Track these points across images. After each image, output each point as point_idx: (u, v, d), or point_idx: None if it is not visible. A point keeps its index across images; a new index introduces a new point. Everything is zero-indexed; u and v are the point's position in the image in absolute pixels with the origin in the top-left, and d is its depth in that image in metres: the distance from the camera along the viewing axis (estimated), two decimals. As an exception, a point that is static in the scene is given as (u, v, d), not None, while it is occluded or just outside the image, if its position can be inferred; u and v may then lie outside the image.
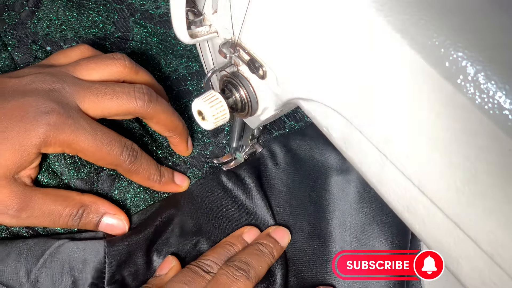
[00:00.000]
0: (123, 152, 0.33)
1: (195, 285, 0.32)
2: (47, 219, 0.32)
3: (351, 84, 0.23)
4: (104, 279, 0.33)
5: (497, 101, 0.17)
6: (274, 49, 0.27)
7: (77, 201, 0.34)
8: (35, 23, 0.42)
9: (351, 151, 0.26)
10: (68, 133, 0.31)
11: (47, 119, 0.30)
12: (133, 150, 0.34)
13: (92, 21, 0.43)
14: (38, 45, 0.41)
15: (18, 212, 0.31)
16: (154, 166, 0.36)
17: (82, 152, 0.32)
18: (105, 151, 0.32)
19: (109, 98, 0.33)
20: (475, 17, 0.20)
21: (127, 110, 0.34)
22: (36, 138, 0.30)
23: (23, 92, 0.32)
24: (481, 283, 0.21)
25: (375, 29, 0.20)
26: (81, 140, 0.31)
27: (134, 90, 0.34)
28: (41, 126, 0.30)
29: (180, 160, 0.40)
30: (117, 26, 0.45)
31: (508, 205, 0.19)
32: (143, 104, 0.34)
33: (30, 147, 0.30)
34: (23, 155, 0.30)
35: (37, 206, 0.32)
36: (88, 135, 0.32)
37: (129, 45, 0.44)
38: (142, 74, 0.37)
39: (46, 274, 0.32)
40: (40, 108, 0.31)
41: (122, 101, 0.33)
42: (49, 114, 0.30)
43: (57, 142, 0.31)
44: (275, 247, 0.37)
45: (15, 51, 0.41)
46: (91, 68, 0.35)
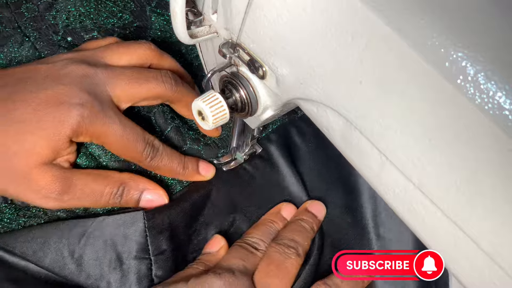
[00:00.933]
0: (145, 150, 0.35)
1: (250, 262, 0.34)
2: (89, 199, 0.33)
3: (351, 84, 0.23)
4: (148, 251, 0.34)
5: (497, 101, 0.17)
6: (274, 49, 0.27)
7: (117, 179, 0.35)
8: (54, 14, 0.42)
9: (351, 151, 0.26)
10: (99, 126, 0.32)
11: (80, 111, 0.31)
12: (154, 147, 0.35)
13: (109, 11, 0.44)
14: (60, 35, 0.42)
15: (61, 195, 0.32)
16: (176, 160, 0.37)
17: (108, 144, 0.33)
18: (130, 147, 0.34)
19: (139, 83, 0.35)
20: (475, 17, 0.20)
21: (156, 94, 0.35)
22: (68, 128, 0.31)
23: (57, 78, 0.33)
24: (481, 283, 0.22)
25: (375, 29, 0.20)
26: (110, 134, 0.33)
27: (161, 75, 0.36)
28: (74, 117, 0.31)
29: (211, 141, 0.41)
30: (135, 16, 0.45)
31: (508, 205, 0.19)
32: (170, 87, 0.36)
33: (64, 136, 0.31)
34: (57, 144, 0.31)
35: (78, 188, 0.33)
36: (117, 130, 0.33)
37: (149, 33, 0.45)
38: (167, 58, 0.39)
39: (90, 251, 0.33)
40: (74, 99, 0.32)
41: (151, 85, 0.35)
42: (82, 106, 0.31)
43: (88, 133, 0.32)
44: (314, 222, 0.39)
45: (37, 42, 0.41)
46: (121, 52, 0.36)
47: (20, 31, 0.41)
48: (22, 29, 0.41)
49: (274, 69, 0.28)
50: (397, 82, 0.21)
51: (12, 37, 0.40)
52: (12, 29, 0.41)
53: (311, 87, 0.26)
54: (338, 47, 0.23)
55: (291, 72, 0.27)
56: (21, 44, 0.40)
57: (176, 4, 0.26)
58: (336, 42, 0.23)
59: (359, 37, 0.22)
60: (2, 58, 0.40)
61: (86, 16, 0.43)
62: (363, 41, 0.21)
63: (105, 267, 0.33)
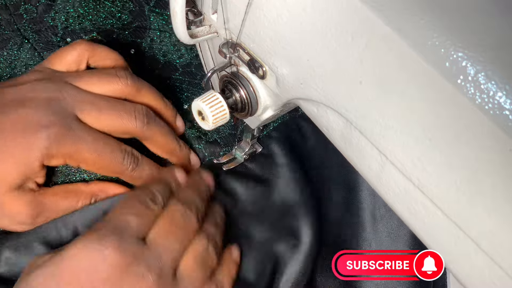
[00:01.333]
0: (125, 159, 0.33)
1: (146, 220, 0.30)
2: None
3: (351, 84, 0.23)
4: None
5: (498, 101, 0.17)
6: (274, 49, 0.27)
7: (88, 192, 0.34)
8: (53, 16, 0.42)
9: (351, 151, 0.26)
10: (69, 145, 0.31)
11: (48, 133, 0.30)
12: (134, 156, 0.34)
13: (108, 12, 0.44)
14: (59, 36, 0.42)
15: (34, 220, 0.32)
16: (156, 169, 0.36)
17: (84, 162, 0.32)
18: (108, 159, 0.32)
19: (110, 117, 0.33)
20: (476, 17, 0.20)
21: (126, 130, 0.34)
22: (38, 152, 0.30)
23: (22, 102, 0.31)
24: (481, 283, 0.21)
25: (375, 29, 0.20)
26: (82, 150, 0.31)
27: (135, 110, 0.34)
28: (41, 140, 0.30)
29: (213, 139, 0.42)
30: (134, 16, 0.45)
31: (508, 205, 0.19)
32: (142, 126, 0.34)
33: (33, 161, 0.30)
34: (26, 169, 0.30)
35: (51, 209, 0.32)
36: (89, 145, 0.32)
37: (148, 33, 0.45)
38: (145, 93, 0.36)
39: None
40: (40, 122, 0.31)
41: (122, 121, 0.33)
42: (49, 127, 0.30)
43: (59, 154, 0.31)
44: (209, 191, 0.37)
45: (37, 44, 0.41)
46: (92, 83, 0.34)
47: (19, 34, 0.41)
48: (21, 32, 0.41)
49: (274, 69, 0.28)
50: (397, 82, 0.21)
51: (11, 39, 0.40)
52: (11, 31, 0.41)
53: (311, 87, 0.26)
54: (338, 47, 0.23)
55: (291, 72, 0.27)
56: (20, 46, 0.40)
57: (176, 4, 0.26)
58: (336, 42, 0.23)
59: (359, 37, 0.22)
60: (2, 62, 0.40)
61: (84, 17, 0.43)
62: (363, 41, 0.21)
63: None
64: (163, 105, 0.38)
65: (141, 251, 0.28)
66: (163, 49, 0.44)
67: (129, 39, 0.44)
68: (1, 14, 0.41)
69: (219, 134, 0.42)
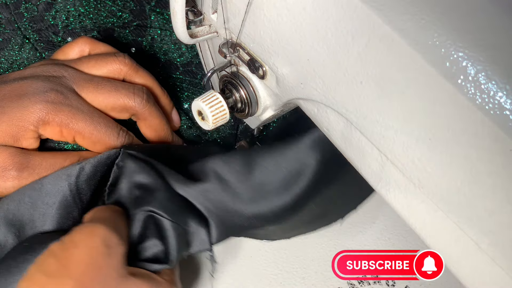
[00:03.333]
0: (120, 137, 0.34)
1: None
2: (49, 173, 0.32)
3: (351, 84, 0.23)
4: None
5: (498, 101, 0.17)
6: (274, 49, 0.27)
7: (75, 154, 0.34)
8: (53, 15, 0.42)
9: (351, 151, 0.26)
10: (66, 112, 0.31)
11: (45, 97, 0.31)
12: (129, 135, 0.35)
13: (109, 11, 0.44)
14: (60, 36, 0.42)
15: (19, 172, 0.31)
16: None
17: (79, 133, 0.32)
18: (103, 132, 0.33)
19: (108, 91, 0.33)
20: (476, 17, 0.20)
21: (124, 106, 0.34)
22: (33, 114, 0.30)
23: (24, 77, 0.33)
24: (481, 283, 0.21)
25: (375, 29, 0.20)
26: (79, 120, 0.32)
27: (134, 88, 0.35)
28: (39, 103, 0.30)
29: (213, 138, 0.42)
30: (134, 15, 0.45)
31: (508, 205, 0.19)
32: (140, 102, 0.34)
33: (27, 122, 0.30)
34: (20, 130, 0.30)
35: (37, 163, 0.32)
36: (86, 115, 0.32)
37: (149, 32, 0.45)
38: (143, 74, 0.37)
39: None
40: (39, 88, 0.31)
41: (120, 96, 0.34)
42: (48, 92, 0.31)
43: (55, 121, 0.31)
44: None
45: (37, 43, 0.41)
46: (91, 65, 0.35)
47: (20, 33, 0.41)
48: (22, 31, 0.41)
49: (274, 69, 0.28)
50: (397, 82, 0.21)
51: (12, 39, 0.40)
52: (12, 30, 0.41)
53: (311, 87, 0.26)
54: (338, 47, 0.23)
55: (291, 72, 0.27)
56: (21, 46, 0.40)
57: (176, 3, 0.26)
58: (336, 42, 0.23)
59: (359, 37, 0.22)
60: (4, 62, 0.40)
61: (85, 16, 0.43)
62: (363, 40, 0.21)
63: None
64: (160, 90, 0.38)
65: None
66: (163, 48, 0.44)
67: (130, 38, 0.44)
68: (1, 12, 0.41)
69: (219, 134, 0.42)
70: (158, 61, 0.44)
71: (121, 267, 0.27)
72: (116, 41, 0.43)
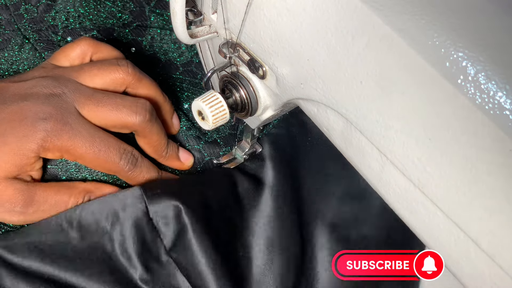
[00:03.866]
0: (122, 160, 0.33)
1: None
2: (53, 211, 0.32)
3: (351, 84, 0.23)
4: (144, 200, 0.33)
5: (498, 101, 0.17)
6: (274, 49, 0.27)
7: (81, 189, 0.34)
8: (53, 15, 0.42)
9: (351, 151, 0.26)
10: (65, 139, 0.31)
11: (45, 125, 0.30)
12: (133, 157, 0.34)
13: (109, 12, 0.44)
14: (59, 35, 0.42)
15: (25, 208, 0.31)
16: (154, 173, 0.36)
17: (80, 158, 0.32)
18: (103, 158, 0.32)
19: (109, 109, 0.33)
20: (476, 17, 0.20)
21: (125, 124, 0.34)
22: (33, 143, 0.30)
23: (24, 96, 0.32)
24: (481, 283, 0.21)
25: (375, 29, 0.20)
26: (78, 146, 0.31)
27: (136, 105, 0.34)
28: (38, 132, 0.30)
29: (212, 139, 0.41)
30: (134, 16, 0.45)
31: (508, 205, 0.19)
32: (142, 121, 0.34)
33: (28, 151, 0.30)
34: (22, 159, 0.31)
35: (42, 199, 0.32)
36: (86, 141, 0.32)
37: (149, 31, 0.45)
38: (145, 83, 0.36)
39: (86, 213, 0.33)
40: (38, 114, 0.31)
41: (121, 114, 0.33)
42: (47, 120, 0.31)
43: (55, 147, 0.31)
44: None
45: (37, 43, 0.41)
46: (93, 74, 0.34)
47: (19, 33, 0.41)
48: (21, 31, 0.41)
49: (274, 69, 0.28)
50: (397, 82, 0.21)
51: (12, 39, 0.40)
52: (11, 31, 0.41)
53: (311, 87, 0.26)
54: (338, 47, 0.23)
55: (291, 72, 0.27)
56: (21, 46, 0.40)
57: (176, 4, 0.26)
58: (336, 42, 0.23)
59: (359, 36, 0.22)
60: (3, 63, 0.40)
61: (85, 17, 0.43)
62: (363, 40, 0.21)
63: (103, 223, 0.33)
64: (162, 99, 0.38)
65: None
66: (163, 47, 0.44)
67: (130, 38, 0.44)
68: (1, 14, 0.41)
69: (219, 134, 0.42)
70: (158, 61, 0.44)
71: None
72: (116, 41, 0.43)
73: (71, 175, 0.36)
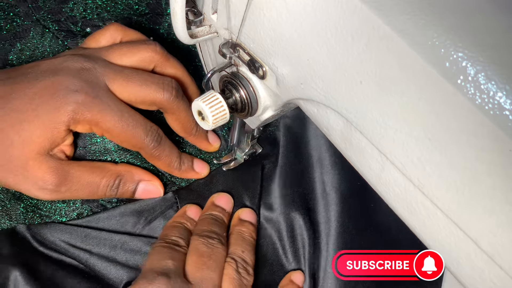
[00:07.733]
0: (148, 136, 0.34)
1: (178, 259, 0.33)
2: (86, 191, 0.33)
3: (351, 84, 0.23)
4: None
5: (497, 102, 0.17)
6: (274, 49, 0.27)
7: (113, 171, 0.35)
8: (71, 7, 0.43)
9: (351, 151, 0.26)
10: (95, 112, 0.32)
11: (76, 98, 0.31)
12: (158, 135, 0.35)
13: (126, 4, 0.45)
14: (79, 26, 0.42)
15: (58, 187, 0.32)
16: (176, 154, 0.37)
17: (108, 132, 0.33)
18: (130, 133, 0.33)
19: (138, 85, 0.34)
20: (476, 17, 0.20)
21: (153, 100, 0.34)
22: (65, 115, 0.31)
23: (55, 71, 0.33)
24: (481, 283, 0.21)
25: (375, 29, 0.20)
26: (107, 119, 0.32)
27: (163, 82, 0.35)
28: (69, 104, 0.31)
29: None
30: (151, 8, 0.46)
31: (508, 205, 0.19)
32: (169, 97, 0.34)
33: (59, 124, 0.31)
34: (53, 132, 0.31)
35: (75, 179, 0.33)
36: (114, 115, 0.32)
37: (166, 19, 0.46)
38: (173, 63, 0.37)
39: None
40: (70, 87, 0.31)
41: (150, 90, 0.34)
42: (78, 92, 0.31)
43: (85, 120, 0.32)
44: (223, 215, 0.38)
45: (58, 32, 0.42)
46: (123, 53, 0.35)
47: (39, 24, 0.41)
48: (40, 22, 0.41)
49: (274, 69, 0.28)
50: (397, 82, 0.21)
51: (32, 29, 0.41)
52: (30, 22, 0.41)
53: (311, 87, 0.26)
54: (338, 47, 0.23)
55: (291, 72, 0.27)
56: (42, 35, 0.41)
57: (176, 4, 0.26)
58: (336, 42, 0.23)
59: (359, 37, 0.22)
60: (26, 49, 0.40)
61: (103, 8, 0.44)
62: (363, 41, 0.21)
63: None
64: (189, 80, 0.39)
65: (186, 285, 0.31)
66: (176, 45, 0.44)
67: (147, 26, 0.44)
68: (18, 6, 0.41)
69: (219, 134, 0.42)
70: (176, 49, 0.44)
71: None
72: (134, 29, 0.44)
73: (97, 158, 0.37)
